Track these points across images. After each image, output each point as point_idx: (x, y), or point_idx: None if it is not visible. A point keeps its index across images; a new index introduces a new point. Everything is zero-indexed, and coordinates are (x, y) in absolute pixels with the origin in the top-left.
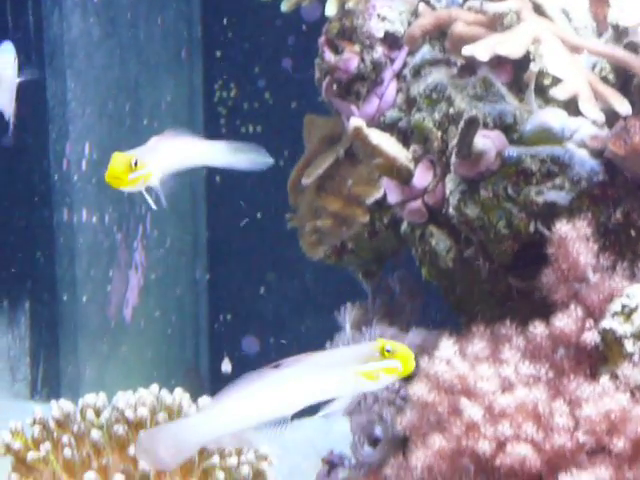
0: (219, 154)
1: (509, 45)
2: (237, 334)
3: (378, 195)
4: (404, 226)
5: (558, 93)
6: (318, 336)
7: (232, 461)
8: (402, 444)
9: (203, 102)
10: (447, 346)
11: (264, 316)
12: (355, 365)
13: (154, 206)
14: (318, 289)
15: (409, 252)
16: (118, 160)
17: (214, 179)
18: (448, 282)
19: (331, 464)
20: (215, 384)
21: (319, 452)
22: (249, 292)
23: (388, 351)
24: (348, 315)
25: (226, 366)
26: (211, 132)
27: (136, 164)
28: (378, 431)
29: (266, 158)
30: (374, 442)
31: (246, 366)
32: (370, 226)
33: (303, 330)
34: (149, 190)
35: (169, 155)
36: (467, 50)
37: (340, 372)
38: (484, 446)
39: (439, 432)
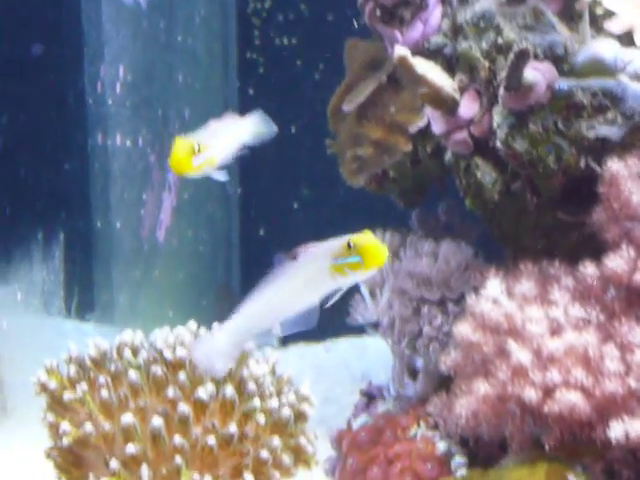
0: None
1: None
2: (269, 250)
3: (422, 123)
4: (448, 156)
5: (613, 26)
6: None
7: (273, 403)
8: (444, 379)
9: (237, 14)
10: (494, 284)
11: (297, 232)
12: (328, 261)
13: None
14: (353, 206)
15: (453, 181)
16: (181, 145)
17: (247, 92)
18: (493, 214)
19: (369, 396)
20: None
21: (353, 375)
22: (282, 207)
23: (350, 246)
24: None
25: None
26: (244, 44)
27: (199, 148)
28: (419, 364)
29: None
30: (414, 374)
31: None
32: (412, 155)
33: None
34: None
35: (229, 138)
36: None
37: (317, 270)
38: (531, 394)
39: (484, 377)
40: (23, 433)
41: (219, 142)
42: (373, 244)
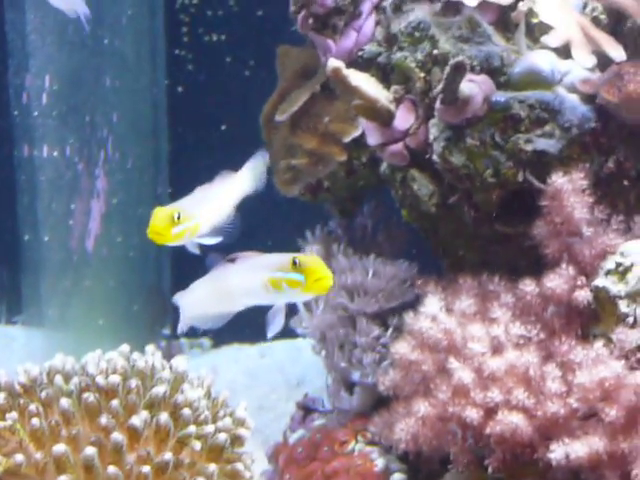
0: (250, 183)
1: None
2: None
3: (356, 133)
4: (384, 167)
5: (550, 40)
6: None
7: (208, 429)
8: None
9: (165, 10)
10: (432, 301)
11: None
12: (268, 272)
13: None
14: (287, 207)
15: (388, 191)
16: (159, 215)
17: (176, 90)
18: (430, 225)
19: (306, 408)
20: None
21: (288, 381)
22: None
23: (295, 263)
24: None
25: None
26: (173, 41)
27: (179, 217)
28: (355, 377)
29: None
30: (350, 387)
31: None
32: (347, 164)
33: (271, 245)
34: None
35: (217, 205)
36: None
37: (254, 277)
38: (472, 414)
39: (424, 397)
40: None
41: (203, 210)
42: (320, 267)
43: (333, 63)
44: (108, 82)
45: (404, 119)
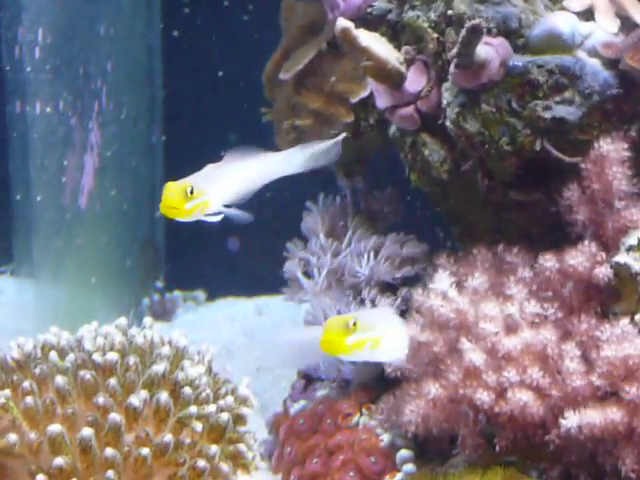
0: (293, 164)
1: None
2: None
3: (364, 94)
4: (393, 130)
5: (573, 5)
6: (279, 205)
7: (210, 408)
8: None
9: None
10: (442, 278)
11: None
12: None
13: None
14: None
15: (395, 153)
16: (172, 189)
17: (172, 34)
18: (440, 191)
19: (307, 377)
20: (171, 257)
21: None
22: (207, 155)
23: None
24: (321, 217)
25: None
26: None
27: (192, 192)
28: None
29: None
30: None
31: (206, 233)
32: (354, 126)
33: (267, 196)
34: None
35: (229, 181)
36: None
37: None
38: (483, 397)
39: (434, 378)
40: None
41: (216, 185)
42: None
43: (342, 23)
44: (102, 31)
45: (415, 81)
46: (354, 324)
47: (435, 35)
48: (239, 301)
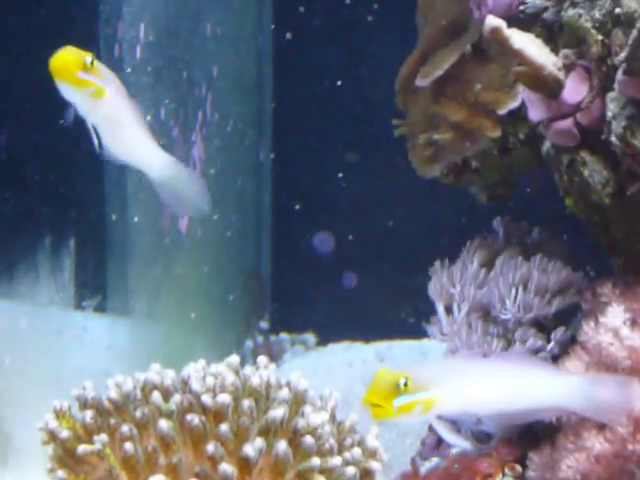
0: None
1: None
2: (306, 229)
3: (514, 104)
4: (547, 146)
5: None
6: (405, 236)
7: (335, 461)
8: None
9: None
10: (616, 312)
11: (340, 206)
12: None
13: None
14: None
15: (548, 176)
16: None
17: (284, 36)
18: (600, 218)
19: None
20: (278, 293)
21: None
22: (323, 175)
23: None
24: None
25: None
26: None
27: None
28: None
29: None
30: None
31: (318, 267)
32: (501, 141)
33: (390, 225)
34: None
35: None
36: None
37: None
38: None
39: (597, 430)
40: None
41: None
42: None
43: (492, 22)
44: (208, 30)
45: (575, 90)
46: (405, 385)
47: (600, 37)
48: (355, 346)
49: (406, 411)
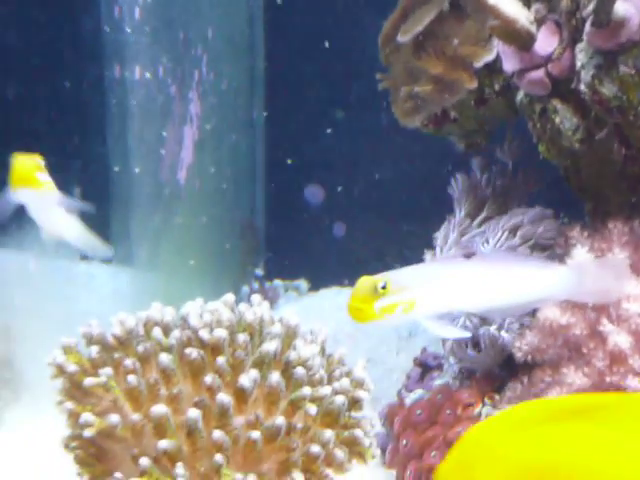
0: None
1: None
2: (298, 181)
3: (489, 57)
4: (520, 96)
5: None
6: (390, 187)
7: (324, 390)
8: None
9: None
10: (581, 253)
11: (331, 160)
12: None
13: None
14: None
15: (522, 122)
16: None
17: (273, 1)
18: (571, 162)
19: (424, 366)
20: (272, 242)
21: (399, 332)
22: (313, 131)
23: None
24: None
25: None
26: None
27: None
28: (483, 332)
29: None
30: (477, 344)
31: (310, 218)
32: (478, 93)
33: (377, 177)
34: None
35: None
36: None
37: None
38: (634, 383)
39: (574, 364)
40: (37, 419)
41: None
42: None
43: None
44: None
45: (547, 42)
46: (383, 287)
47: None
48: (345, 291)
49: (388, 312)
